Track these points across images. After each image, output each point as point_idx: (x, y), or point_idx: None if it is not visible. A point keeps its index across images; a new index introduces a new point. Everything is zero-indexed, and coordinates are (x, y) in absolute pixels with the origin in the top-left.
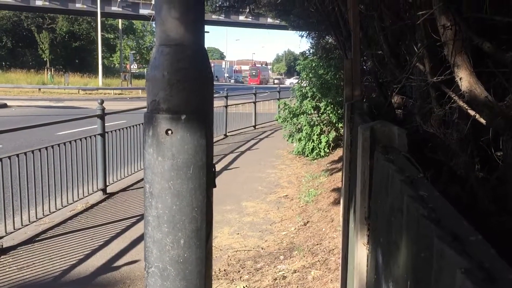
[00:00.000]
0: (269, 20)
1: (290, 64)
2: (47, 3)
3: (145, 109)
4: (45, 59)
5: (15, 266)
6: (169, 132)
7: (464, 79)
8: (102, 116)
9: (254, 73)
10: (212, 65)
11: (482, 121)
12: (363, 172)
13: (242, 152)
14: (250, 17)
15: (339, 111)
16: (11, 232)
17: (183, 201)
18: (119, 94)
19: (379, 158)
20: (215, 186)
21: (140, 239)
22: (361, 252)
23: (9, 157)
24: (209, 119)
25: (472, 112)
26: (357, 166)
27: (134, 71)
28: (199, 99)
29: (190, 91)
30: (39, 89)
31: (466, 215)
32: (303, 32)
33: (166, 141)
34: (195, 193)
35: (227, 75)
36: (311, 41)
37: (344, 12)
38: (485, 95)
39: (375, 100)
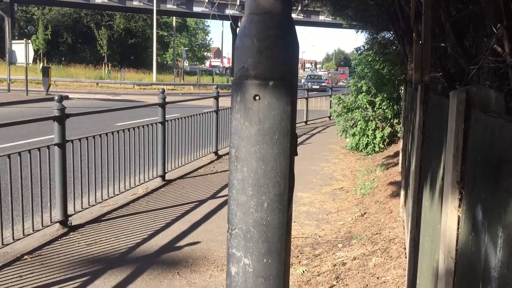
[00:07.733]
0: (321, 18)
1: (340, 63)
2: (106, 0)
3: (199, 101)
4: (103, 55)
5: (84, 242)
6: (257, 97)
7: None
8: (163, 104)
9: (341, 72)
10: None
11: None
12: (456, 135)
13: None
14: (301, 15)
15: (394, 107)
16: (79, 211)
17: (267, 166)
18: (171, 89)
19: (477, 118)
20: (296, 154)
21: (199, 223)
22: (451, 217)
23: (79, 140)
24: (294, 87)
25: None
26: (448, 131)
27: (185, 67)
28: (286, 67)
29: (278, 58)
30: (97, 83)
31: None
32: (359, 27)
33: (254, 107)
34: (280, 158)
35: None
36: (367, 35)
37: (404, 5)
38: None
39: None
